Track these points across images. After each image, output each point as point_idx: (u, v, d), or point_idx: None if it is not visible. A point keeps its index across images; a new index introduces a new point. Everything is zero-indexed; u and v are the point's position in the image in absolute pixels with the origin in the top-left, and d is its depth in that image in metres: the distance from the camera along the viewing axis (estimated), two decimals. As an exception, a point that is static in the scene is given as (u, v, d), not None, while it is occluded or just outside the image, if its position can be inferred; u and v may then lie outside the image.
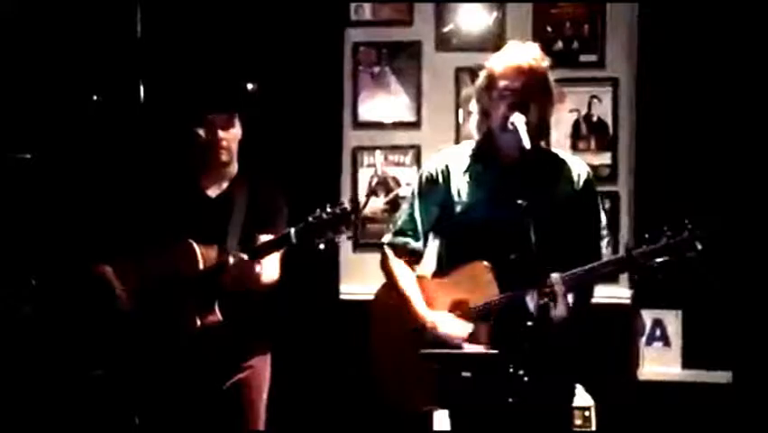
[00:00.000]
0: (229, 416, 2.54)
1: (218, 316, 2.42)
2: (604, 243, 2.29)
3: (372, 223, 3.52)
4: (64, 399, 3.00)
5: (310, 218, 2.25)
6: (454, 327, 2.22)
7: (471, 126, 2.35)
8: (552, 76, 2.25)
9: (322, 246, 2.26)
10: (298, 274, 2.71)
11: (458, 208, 2.29)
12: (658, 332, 3.36)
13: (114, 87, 3.36)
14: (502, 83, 2.21)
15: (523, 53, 2.24)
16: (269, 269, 2.51)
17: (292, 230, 2.30)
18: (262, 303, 2.60)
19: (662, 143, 3.34)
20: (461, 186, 2.30)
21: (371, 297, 2.46)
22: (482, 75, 2.29)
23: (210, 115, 2.54)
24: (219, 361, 2.50)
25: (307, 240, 2.27)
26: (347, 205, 2.24)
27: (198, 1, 3.38)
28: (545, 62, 2.24)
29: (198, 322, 2.41)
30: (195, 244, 2.45)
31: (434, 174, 2.34)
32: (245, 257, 2.36)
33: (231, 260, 2.37)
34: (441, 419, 2.66)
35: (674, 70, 3.32)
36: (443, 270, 2.35)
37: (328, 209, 2.24)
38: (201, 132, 2.54)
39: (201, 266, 2.44)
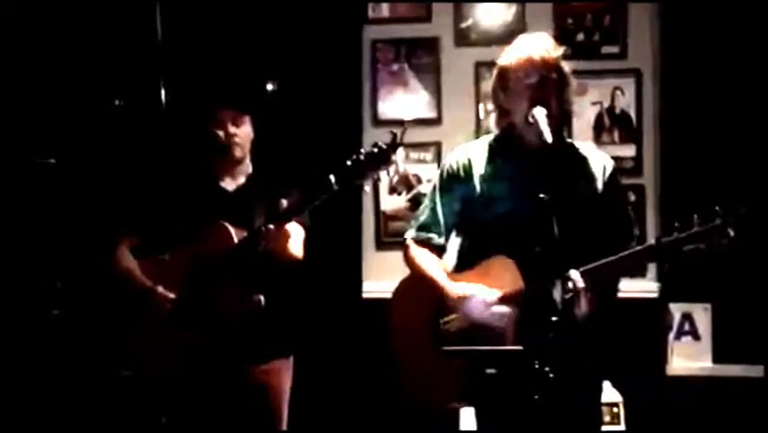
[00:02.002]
0: (251, 419, 2.53)
1: (259, 297, 2.42)
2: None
3: (394, 221, 3.50)
4: (93, 400, 3.02)
5: (348, 162, 2.23)
6: (484, 289, 2.18)
7: (491, 124, 2.33)
8: (567, 64, 2.21)
9: (367, 188, 2.24)
10: (321, 273, 2.70)
11: (480, 203, 2.27)
12: (687, 326, 3.31)
13: (135, 90, 3.39)
14: (517, 78, 2.18)
15: (534, 45, 2.20)
16: (296, 244, 2.50)
17: (332, 176, 2.26)
18: (296, 290, 2.59)
19: (687, 135, 3.29)
20: (483, 180, 2.28)
21: (394, 295, 2.44)
22: (495, 72, 2.26)
23: (220, 112, 2.56)
24: (253, 345, 2.50)
25: (348, 183, 2.24)
26: (383, 144, 2.21)
27: (218, 2, 3.39)
28: (558, 51, 2.20)
29: (240, 298, 2.41)
30: (228, 225, 2.46)
31: (456, 168, 2.31)
32: (278, 223, 2.34)
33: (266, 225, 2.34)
34: (467, 416, 2.64)
35: (698, 60, 3.26)
36: (464, 265, 2.32)
37: (364, 150, 2.22)
38: (215, 129, 2.56)
39: (236, 242, 2.44)
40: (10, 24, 3.25)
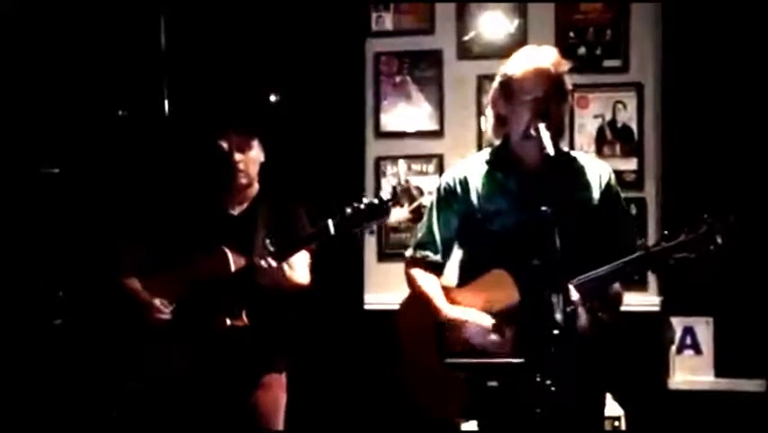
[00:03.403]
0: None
1: (245, 320, 2.45)
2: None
3: (396, 232, 3.51)
4: (94, 410, 3.02)
5: (348, 209, 2.28)
6: (478, 317, 2.18)
7: (489, 132, 2.32)
8: (570, 79, 2.21)
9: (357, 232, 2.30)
10: (323, 284, 2.71)
11: (479, 217, 2.27)
12: (689, 340, 3.31)
13: (138, 101, 3.40)
14: (523, 89, 2.17)
15: (542, 58, 2.19)
16: (300, 271, 2.53)
17: (330, 222, 2.32)
18: (289, 314, 2.60)
19: (689, 148, 3.30)
20: (481, 194, 2.27)
21: (396, 307, 2.44)
22: (498, 80, 2.25)
23: (225, 137, 2.57)
24: (242, 367, 2.51)
25: (345, 231, 2.32)
26: (384, 196, 2.28)
27: (221, 14, 3.41)
28: (564, 66, 2.20)
29: (228, 322, 2.44)
30: (227, 250, 2.47)
31: (453, 185, 2.31)
32: (271, 261, 2.38)
33: (260, 261, 2.39)
34: (468, 428, 2.64)
35: (699, 74, 3.28)
36: (465, 279, 2.32)
37: (365, 200, 2.28)
38: (220, 151, 2.56)
39: (232, 270, 2.46)
40: (15, 34, 3.27)
